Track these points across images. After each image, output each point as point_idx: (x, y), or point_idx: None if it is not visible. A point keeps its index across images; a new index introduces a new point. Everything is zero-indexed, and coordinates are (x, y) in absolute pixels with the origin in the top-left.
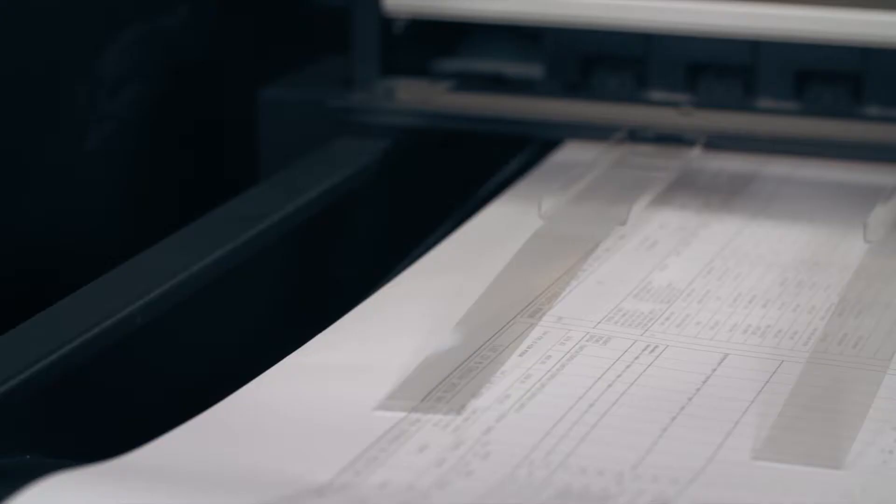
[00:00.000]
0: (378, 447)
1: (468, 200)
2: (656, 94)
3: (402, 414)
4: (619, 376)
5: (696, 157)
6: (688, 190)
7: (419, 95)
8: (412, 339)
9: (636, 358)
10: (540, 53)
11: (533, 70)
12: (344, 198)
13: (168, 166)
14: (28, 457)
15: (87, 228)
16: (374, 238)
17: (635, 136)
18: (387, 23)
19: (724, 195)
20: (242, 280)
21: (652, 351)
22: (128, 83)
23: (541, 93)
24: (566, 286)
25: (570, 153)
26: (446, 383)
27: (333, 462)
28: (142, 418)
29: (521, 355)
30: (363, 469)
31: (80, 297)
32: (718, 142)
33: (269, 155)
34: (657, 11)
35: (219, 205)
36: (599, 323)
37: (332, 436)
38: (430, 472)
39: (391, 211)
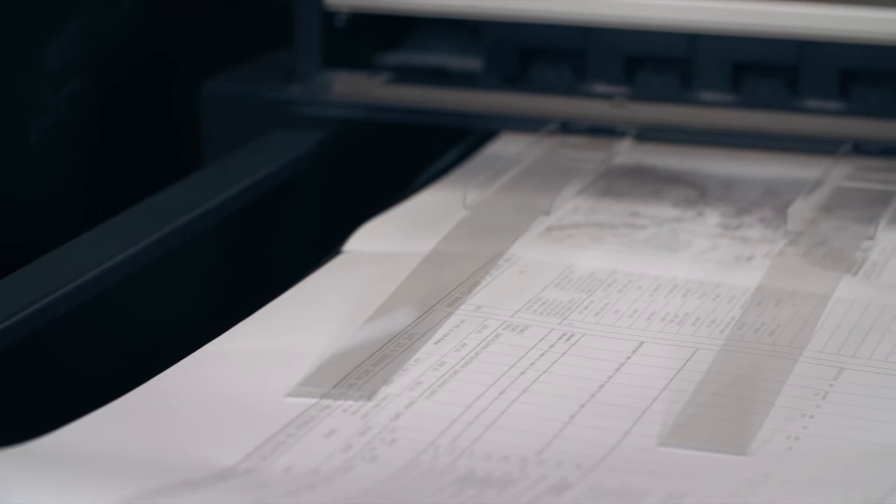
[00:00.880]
0: (286, 432)
1: (401, 192)
2: (594, 87)
3: (313, 400)
4: (532, 364)
5: (625, 149)
6: (618, 181)
7: (356, 88)
8: (331, 327)
9: (551, 346)
10: (479, 47)
11: (473, 63)
12: (275, 189)
13: (111, 159)
14: None
15: (28, 220)
16: (308, 228)
17: (567, 127)
18: (328, 16)
19: (656, 186)
20: (171, 269)
21: (568, 339)
22: (71, 76)
23: (478, 85)
24: (487, 275)
25: (504, 145)
26: (359, 370)
27: (241, 447)
28: (64, 405)
29: (436, 343)
30: (269, 454)
31: (4, 285)
32: (649, 133)
33: (213, 147)
34: (595, 4)
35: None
36: (518, 312)
37: (244, 421)
38: (335, 457)
39: (326, 201)
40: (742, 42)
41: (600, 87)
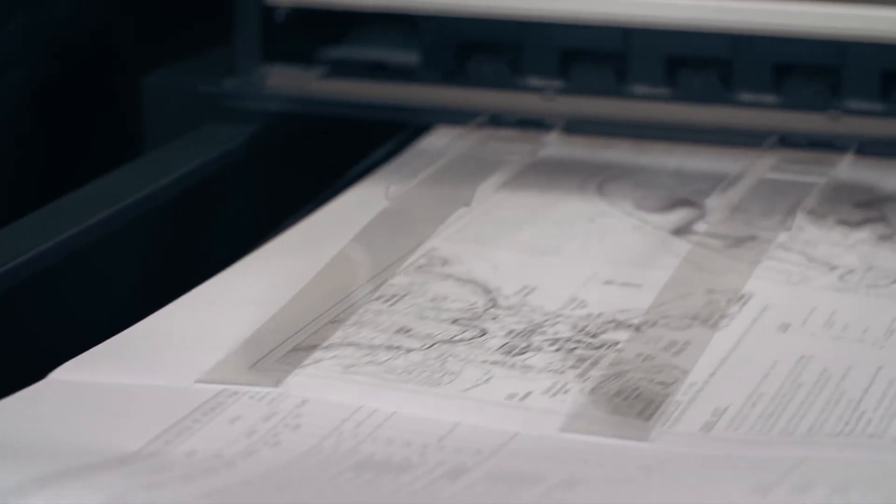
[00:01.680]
0: (192, 418)
1: (332, 185)
2: (530, 81)
3: (222, 386)
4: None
5: (552, 142)
6: (545, 173)
7: (290, 82)
8: (248, 316)
9: (461, 334)
10: (417, 41)
11: (412, 58)
12: (204, 181)
13: (53, 152)
14: None
15: None
16: (238, 221)
17: (497, 120)
18: (268, 11)
19: (580, 179)
20: (98, 258)
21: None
22: (12, 69)
23: (414, 80)
24: (403, 264)
25: (438, 138)
26: (270, 357)
27: (147, 432)
28: None
29: (345, 333)
30: (173, 438)
31: None
32: (577, 126)
33: (155, 140)
34: None
35: None
36: (434, 300)
37: (153, 407)
38: (238, 442)
39: (258, 195)
40: (676, 36)
41: (536, 81)
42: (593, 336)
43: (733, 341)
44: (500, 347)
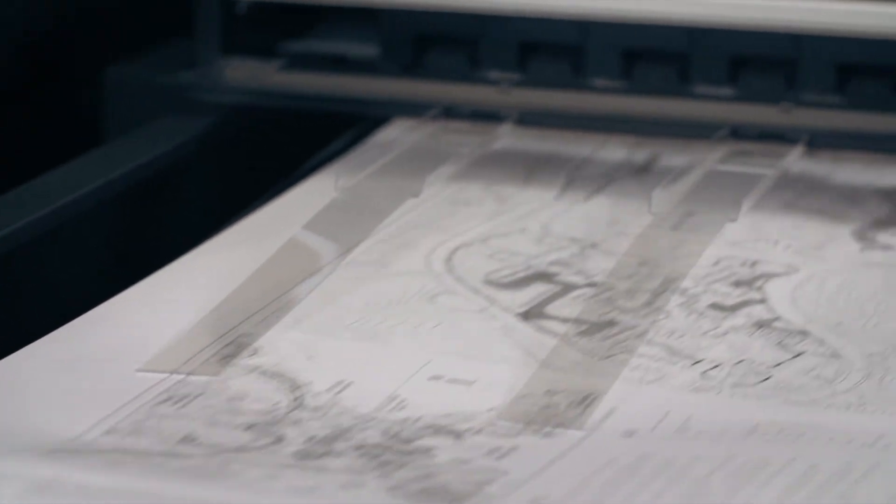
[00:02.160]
0: (132, 406)
1: (287, 178)
2: (488, 74)
3: (163, 375)
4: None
5: (505, 133)
6: (496, 165)
7: (249, 74)
8: (192, 307)
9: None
10: (377, 34)
11: (371, 51)
12: (158, 173)
13: (12, 146)
14: None
15: None
16: (194, 213)
17: (451, 112)
18: (229, 4)
19: (528, 170)
20: (49, 250)
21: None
22: None
23: (372, 72)
24: (349, 255)
25: (393, 131)
26: (212, 348)
27: (87, 419)
28: None
29: (285, 324)
30: (113, 426)
31: None
32: (531, 118)
33: (113, 134)
34: None
35: None
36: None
37: (93, 395)
38: (176, 430)
39: (214, 187)
40: (634, 29)
41: (494, 74)
42: (406, 442)
43: (564, 449)
44: (294, 454)
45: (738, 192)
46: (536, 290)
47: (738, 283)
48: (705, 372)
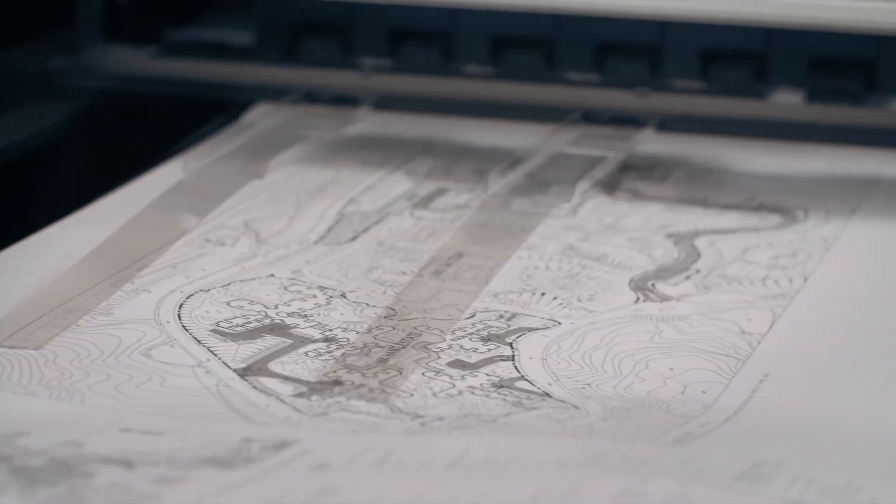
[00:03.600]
0: None
1: (150, 163)
2: (360, 60)
3: None
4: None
5: (361, 117)
6: (344, 149)
7: (122, 61)
8: (31, 282)
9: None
10: (253, 22)
11: (248, 38)
12: (19, 159)
13: None
14: None
15: None
16: (57, 198)
17: (311, 97)
18: None
19: (385, 155)
20: None
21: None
22: None
23: (243, 59)
24: (186, 235)
25: (255, 115)
26: (40, 322)
27: None
28: None
29: (106, 314)
30: None
31: None
32: (389, 103)
33: None
34: None
35: None
36: (214, 273)
37: None
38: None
39: (81, 172)
40: (502, 17)
41: (366, 61)
42: (69, 468)
43: (239, 481)
44: None
45: (576, 174)
46: (265, 344)
47: (488, 339)
48: (425, 423)
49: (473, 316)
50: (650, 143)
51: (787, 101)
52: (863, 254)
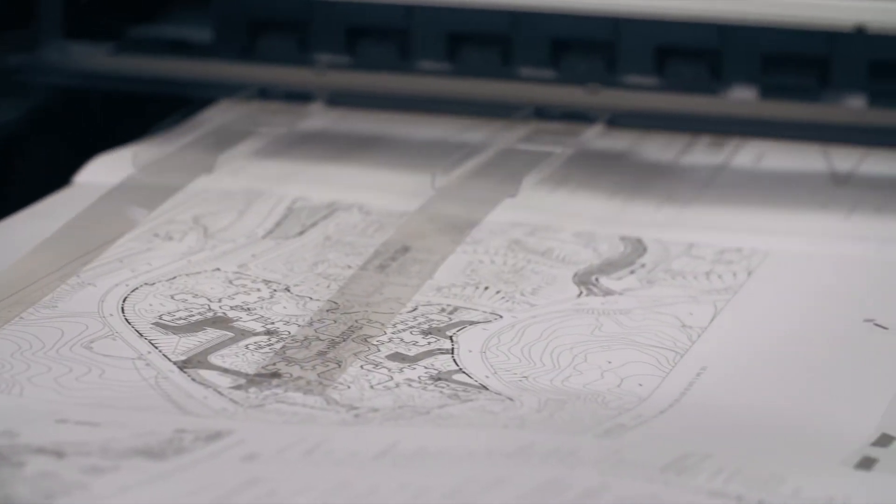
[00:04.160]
0: None
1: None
2: (318, 57)
3: None
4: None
5: (315, 113)
6: (295, 144)
7: (81, 57)
8: None
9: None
10: (211, 19)
11: (206, 36)
12: None
13: None
14: None
15: None
16: (8, 194)
17: (266, 94)
18: None
19: (335, 151)
20: None
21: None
22: None
23: (200, 56)
24: (136, 229)
25: (213, 113)
26: None
27: None
28: None
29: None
30: None
31: None
32: (341, 99)
33: None
34: None
35: None
36: (160, 267)
37: None
38: None
39: (35, 168)
40: (459, 14)
41: (323, 57)
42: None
43: (169, 470)
44: None
45: (524, 170)
46: (207, 337)
47: (428, 332)
48: (359, 415)
49: (415, 309)
50: (600, 138)
51: (740, 98)
52: (807, 249)
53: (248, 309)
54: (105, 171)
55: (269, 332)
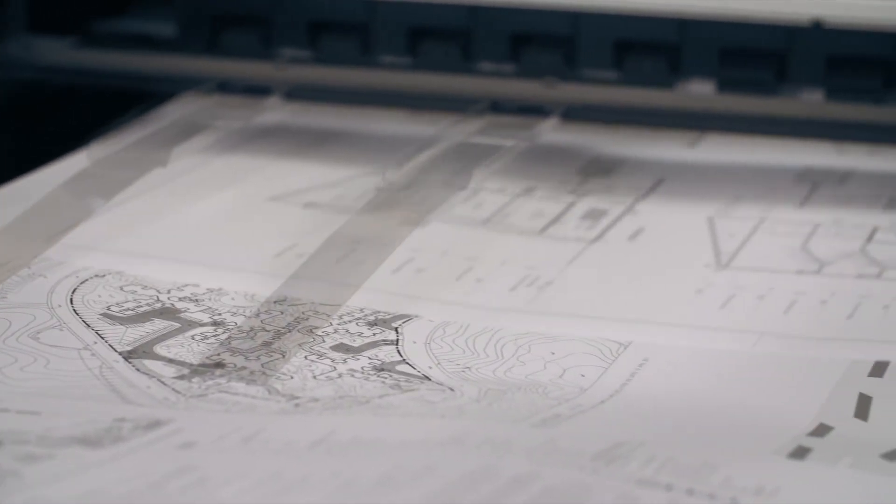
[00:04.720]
0: None
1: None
2: (281, 51)
3: None
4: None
5: (272, 107)
6: (261, 139)
7: (45, 51)
8: None
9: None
10: (175, 13)
11: (170, 30)
12: None
13: None
14: None
15: None
16: None
17: (225, 87)
18: None
19: (289, 145)
20: None
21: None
22: None
23: (166, 50)
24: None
25: (175, 107)
26: None
27: None
28: None
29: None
30: None
31: None
32: (299, 93)
33: None
34: None
35: None
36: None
37: None
38: None
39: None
40: (419, 8)
41: (285, 52)
42: None
43: (107, 457)
44: None
45: (475, 163)
46: (153, 327)
47: (374, 323)
48: (299, 405)
49: (363, 302)
50: (554, 132)
51: (698, 92)
52: (755, 240)
53: (196, 300)
54: (59, 165)
55: (215, 324)
